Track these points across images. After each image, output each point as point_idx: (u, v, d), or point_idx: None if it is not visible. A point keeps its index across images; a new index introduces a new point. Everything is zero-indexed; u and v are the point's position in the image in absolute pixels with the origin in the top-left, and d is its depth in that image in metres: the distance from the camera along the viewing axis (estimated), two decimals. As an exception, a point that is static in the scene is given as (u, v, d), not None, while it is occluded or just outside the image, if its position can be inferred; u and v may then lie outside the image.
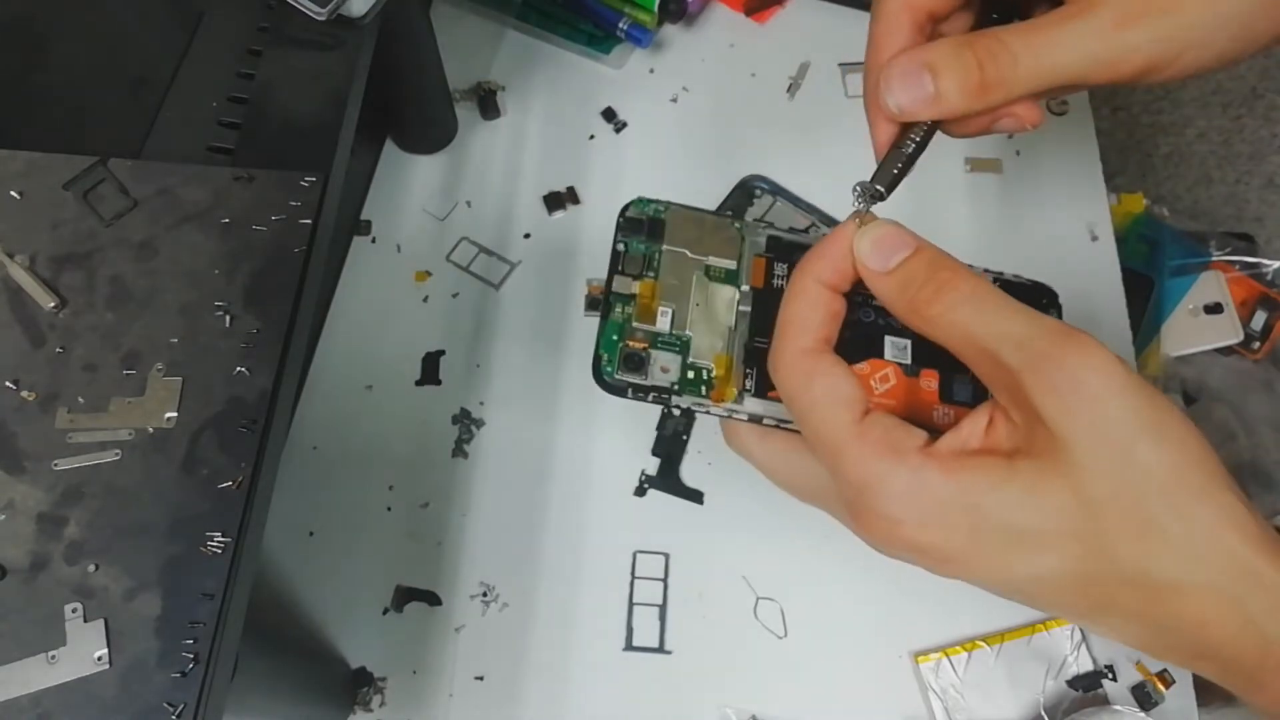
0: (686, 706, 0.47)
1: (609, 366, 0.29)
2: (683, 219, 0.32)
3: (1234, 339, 0.75)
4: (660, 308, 0.30)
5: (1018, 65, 0.28)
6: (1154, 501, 0.23)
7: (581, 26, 0.65)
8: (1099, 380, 0.23)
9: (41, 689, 0.29)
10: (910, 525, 0.25)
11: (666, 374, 0.29)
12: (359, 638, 0.49)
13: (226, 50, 0.43)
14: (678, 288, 0.30)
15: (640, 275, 0.30)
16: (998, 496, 0.24)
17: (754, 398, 0.29)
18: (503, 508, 0.52)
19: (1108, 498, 0.23)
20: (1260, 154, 1.29)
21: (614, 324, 0.30)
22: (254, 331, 0.34)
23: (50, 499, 0.31)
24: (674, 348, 0.29)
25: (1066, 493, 0.24)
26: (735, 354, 0.30)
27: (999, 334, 0.25)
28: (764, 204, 0.59)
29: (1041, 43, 0.28)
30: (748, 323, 0.30)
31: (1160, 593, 0.24)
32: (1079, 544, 0.24)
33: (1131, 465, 0.23)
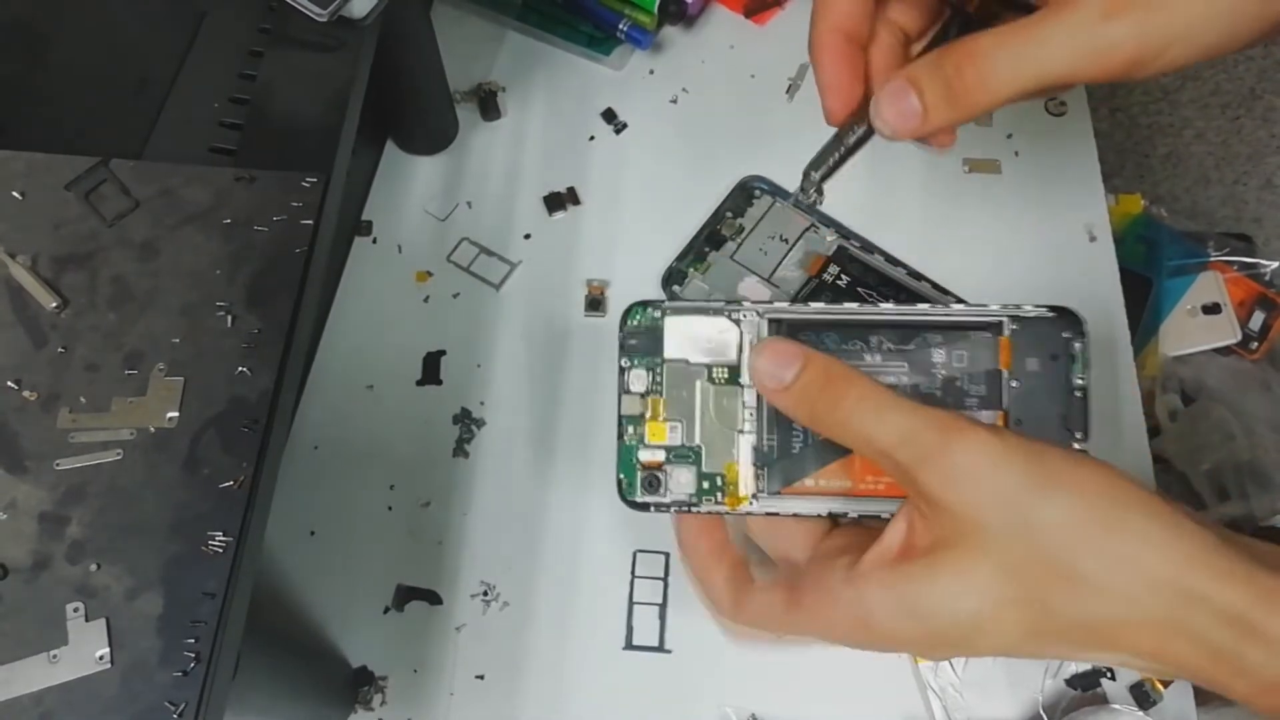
0: (686, 706, 0.48)
1: (630, 490, 0.31)
2: (680, 323, 0.32)
3: (1232, 339, 0.75)
4: (669, 423, 0.31)
5: (995, 69, 0.28)
6: (1067, 552, 0.24)
7: (581, 28, 0.65)
8: (981, 459, 0.25)
9: (43, 688, 0.29)
10: (881, 641, 0.27)
11: (683, 486, 0.31)
12: (360, 637, 0.49)
13: (228, 51, 0.43)
14: (684, 400, 0.32)
15: (646, 393, 0.32)
16: (934, 594, 0.26)
17: (767, 498, 0.31)
18: (503, 507, 0.52)
19: (1025, 561, 0.25)
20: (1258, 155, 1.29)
21: (627, 448, 0.32)
22: (255, 331, 0.34)
23: (52, 498, 0.31)
24: (687, 460, 0.31)
25: (989, 568, 0.25)
26: (742, 459, 0.31)
27: (888, 435, 0.26)
28: (763, 204, 0.59)
29: (1022, 44, 0.28)
30: (755, 421, 0.31)
31: (1107, 633, 0.25)
32: (1020, 609, 0.25)
33: (1035, 525, 0.25)
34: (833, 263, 0.57)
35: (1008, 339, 0.32)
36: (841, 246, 0.57)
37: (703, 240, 0.58)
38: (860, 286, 0.57)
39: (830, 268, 0.57)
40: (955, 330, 0.32)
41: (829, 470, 0.31)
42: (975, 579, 0.25)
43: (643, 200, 0.60)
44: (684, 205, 0.59)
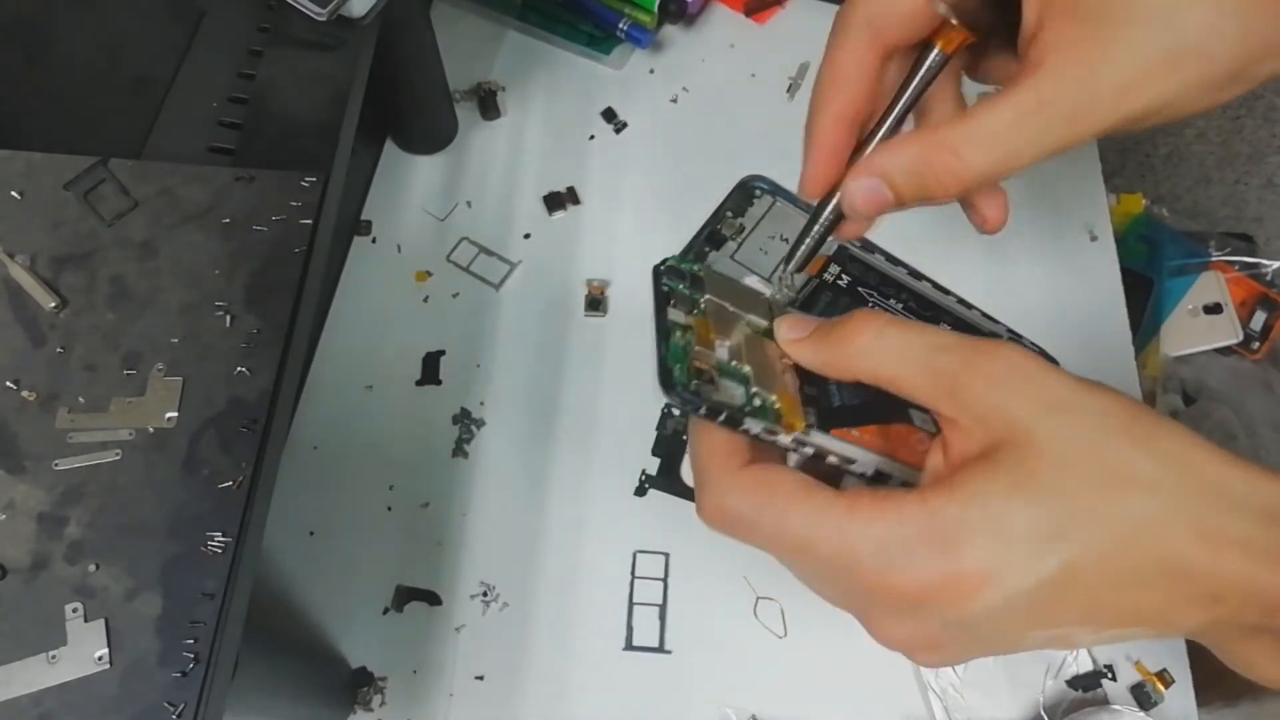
0: (686, 706, 0.47)
1: (682, 376, 0.27)
2: (718, 280, 0.31)
3: (1233, 339, 0.75)
4: (716, 341, 0.29)
5: (970, 169, 0.28)
6: (1116, 442, 0.24)
7: (581, 27, 0.65)
8: (1027, 362, 0.25)
9: (42, 689, 0.29)
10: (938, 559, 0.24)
11: (735, 398, 0.28)
12: (359, 637, 0.49)
13: (227, 50, 0.43)
14: (727, 330, 0.30)
15: (691, 314, 0.30)
16: (997, 493, 0.24)
17: (820, 433, 0.28)
18: (503, 508, 0.52)
19: (1085, 454, 0.24)
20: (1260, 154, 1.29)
21: (678, 346, 0.28)
22: (254, 331, 0.34)
23: (51, 499, 0.31)
24: (735, 378, 0.29)
25: (1051, 464, 0.24)
26: (795, 389, 0.29)
27: (927, 345, 0.26)
28: (764, 204, 0.59)
29: (987, 142, 0.28)
30: (794, 371, 0.30)
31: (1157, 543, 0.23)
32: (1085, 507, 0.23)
33: (1089, 417, 0.24)
34: (833, 262, 0.57)
35: None
36: (842, 246, 0.57)
37: (703, 240, 0.58)
38: (861, 286, 0.57)
39: (831, 268, 0.57)
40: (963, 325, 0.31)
41: (867, 433, 0.29)
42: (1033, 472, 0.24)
43: (643, 200, 0.60)
44: (684, 205, 0.58)
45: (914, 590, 0.24)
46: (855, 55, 0.31)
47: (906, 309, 0.56)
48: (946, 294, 0.56)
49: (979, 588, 0.23)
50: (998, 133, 0.28)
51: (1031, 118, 0.27)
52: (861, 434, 0.29)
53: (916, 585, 0.24)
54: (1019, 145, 0.28)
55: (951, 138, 0.28)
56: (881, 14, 0.31)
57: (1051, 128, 0.27)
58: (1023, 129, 0.27)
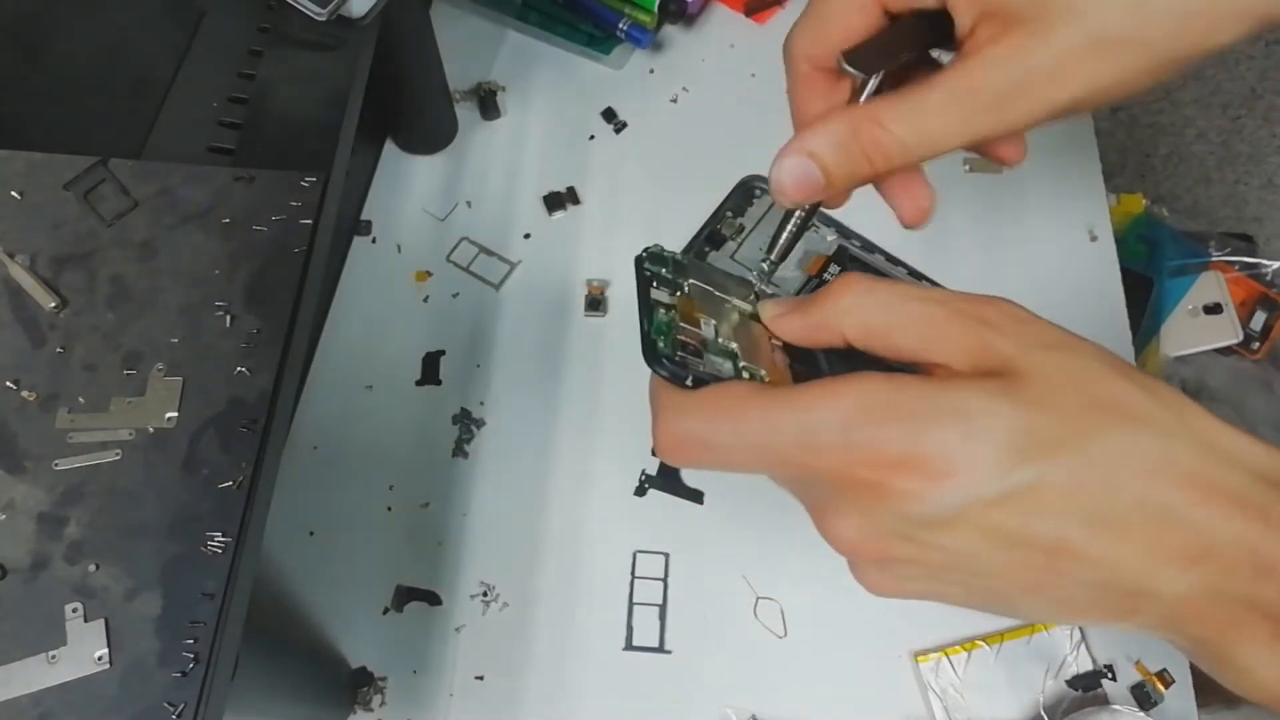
0: (686, 706, 0.47)
1: (667, 347, 0.26)
2: (700, 267, 0.31)
3: (1233, 339, 0.75)
4: (702, 319, 0.29)
5: (897, 142, 0.28)
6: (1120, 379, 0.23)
7: (581, 27, 0.65)
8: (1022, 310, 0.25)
9: (42, 689, 0.29)
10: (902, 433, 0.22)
11: (722, 371, 0.27)
12: (359, 637, 0.49)
13: (227, 50, 0.43)
14: (713, 311, 0.29)
15: (674, 295, 0.29)
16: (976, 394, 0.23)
17: None
18: (503, 508, 0.52)
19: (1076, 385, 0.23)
20: (1259, 154, 1.29)
21: (662, 322, 0.27)
22: (254, 331, 0.34)
23: (51, 499, 0.31)
24: (722, 353, 0.28)
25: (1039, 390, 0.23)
26: (784, 369, 0.28)
27: (913, 295, 0.26)
28: (764, 204, 0.59)
29: (913, 116, 0.28)
30: (782, 350, 0.29)
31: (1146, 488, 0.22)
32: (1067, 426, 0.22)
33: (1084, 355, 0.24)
34: (833, 262, 0.57)
35: None
36: (842, 246, 0.57)
37: (703, 240, 0.58)
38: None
39: (831, 267, 0.57)
40: None
41: None
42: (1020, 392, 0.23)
43: (643, 200, 0.60)
44: (684, 205, 0.58)
45: (869, 469, 0.23)
46: (804, 82, 0.32)
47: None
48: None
49: (937, 478, 0.22)
50: (926, 110, 0.28)
51: (960, 99, 0.27)
52: None
53: (872, 461, 0.22)
54: (946, 124, 0.28)
55: (878, 111, 0.28)
56: (812, 47, 0.31)
57: (979, 111, 0.27)
58: (950, 109, 0.27)
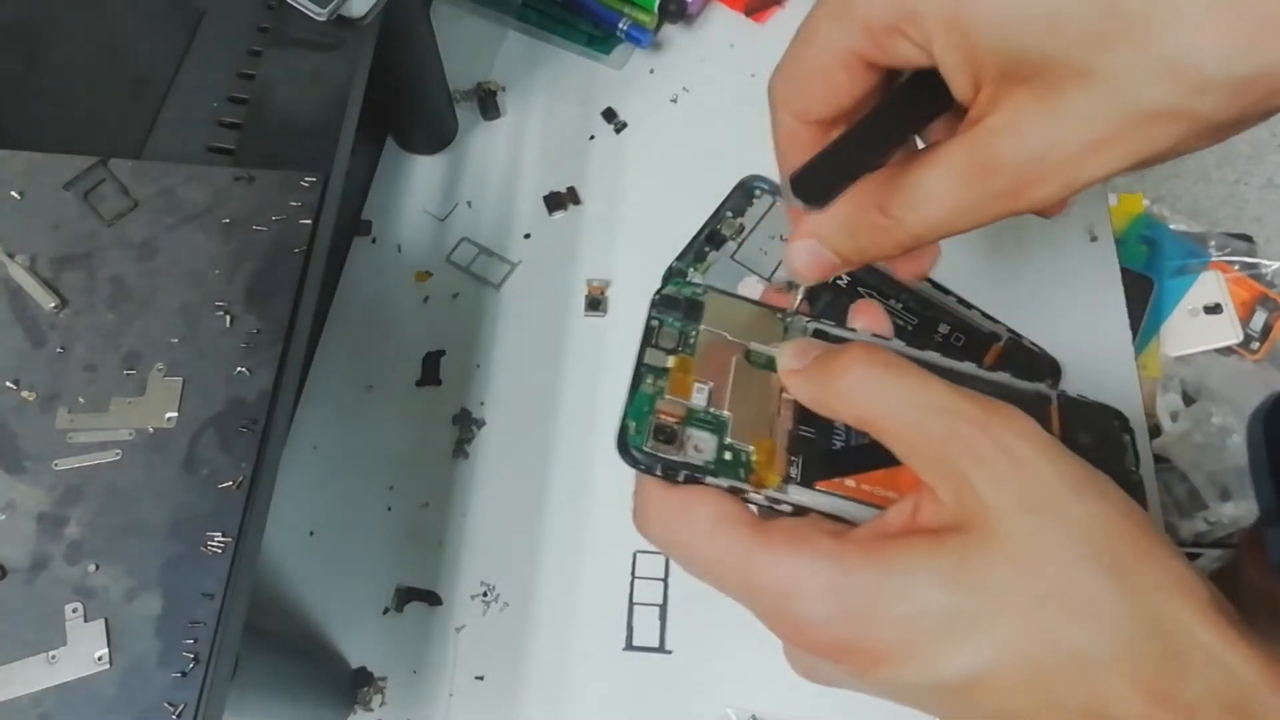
0: (686, 706, 0.47)
1: (636, 437, 0.26)
2: (722, 304, 0.29)
3: (1233, 339, 0.75)
4: (696, 384, 0.27)
5: (905, 232, 0.26)
6: (1091, 565, 0.21)
7: (581, 27, 0.65)
8: (1026, 446, 0.22)
9: (42, 689, 0.29)
10: (836, 623, 0.22)
11: (701, 453, 0.26)
12: (359, 637, 0.49)
13: (227, 50, 0.43)
14: (715, 367, 0.28)
15: (675, 351, 0.28)
16: (927, 575, 0.22)
17: (800, 487, 0.26)
18: (503, 508, 0.52)
19: (1042, 566, 0.21)
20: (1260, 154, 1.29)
21: (644, 395, 0.27)
22: (254, 331, 0.34)
23: (50, 499, 0.31)
24: (709, 426, 0.27)
25: (1000, 565, 0.21)
26: (778, 439, 0.27)
27: (917, 402, 0.23)
28: (764, 204, 0.59)
29: (921, 205, 0.26)
30: (792, 409, 0.27)
31: (1093, 677, 0.21)
32: (1013, 621, 0.21)
33: (1066, 525, 0.21)
34: (833, 262, 0.57)
35: (1057, 410, 0.29)
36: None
37: (703, 240, 0.58)
38: (861, 287, 0.57)
39: (831, 267, 0.57)
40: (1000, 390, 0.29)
41: (873, 478, 0.27)
42: (979, 574, 0.21)
43: (643, 200, 0.60)
44: (684, 205, 0.58)
45: (808, 646, 0.23)
46: (788, 135, 0.31)
47: (906, 309, 0.56)
48: (946, 294, 0.56)
49: (873, 665, 0.22)
50: (931, 197, 0.25)
51: (970, 183, 0.24)
52: (864, 481, 0.27)
53: (810, 644, 0.23)
54: (956, 211, 0.25)
55: (882, 198, 0.26)
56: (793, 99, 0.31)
57: (995, 197, 0.24)
58: (960, 194, 0.25)
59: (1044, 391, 0.29)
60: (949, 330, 0.55)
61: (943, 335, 0.55)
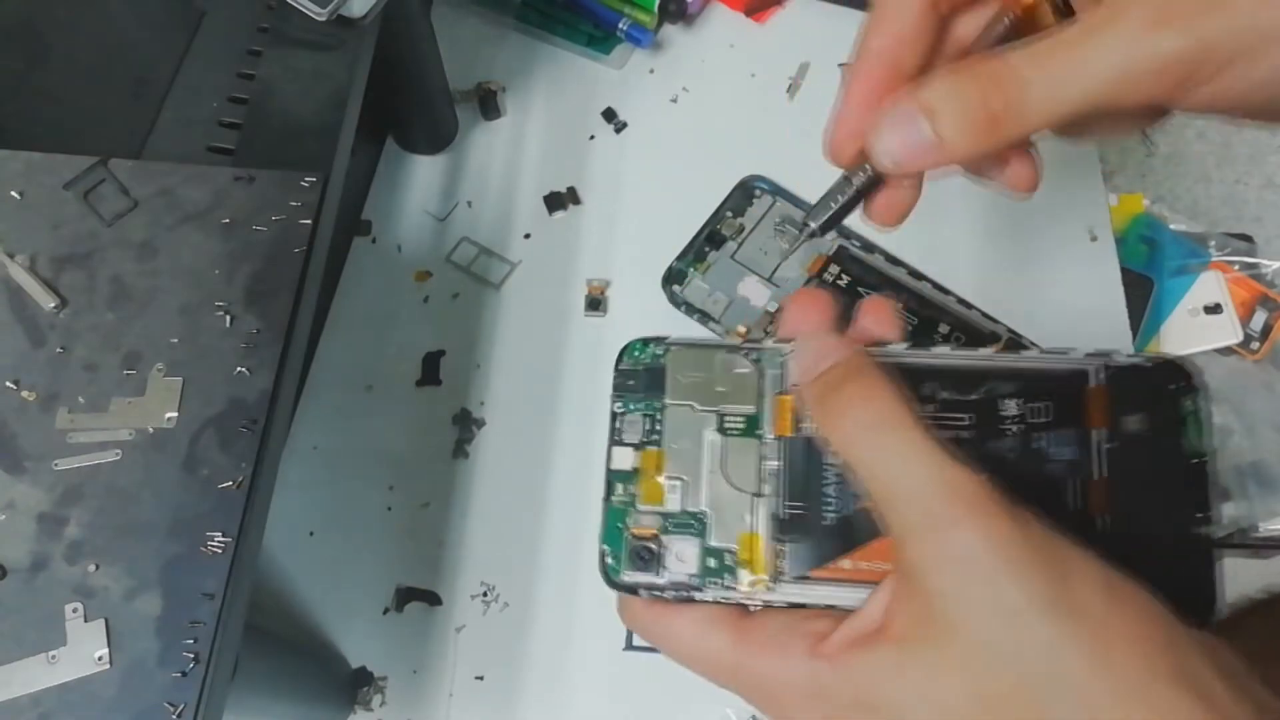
0: (686, 706, 0.47)
1: (615, 565, 0.25)
2: (686, 361, 0.27)
3: (1233, 339, 0.75)
4: (668, 482, 0.26)
5: (1028, 92, 0.23)
6: (1066, 701, 0.19)
7: (581, 27, 0.65)
8: (989, 551, 0.20)
9: (42, 689, 0.29)
10: None
11: (684, 564, 0.25)
12: (359, 637, 0.49)
13: (227, 50, 0.43)
14: (688, 452, 0.26)
15: (642, 444, 0.26)
16: (896, 693, 0.21)
17: (792, 583, 0.25)
18: (503, 508, 0.52)
19: (1011, 696, 0.20)
20: (1259, 154, 1.29)
21: (615, 510, 0.26)
22: (254, 332, 0.34)
23: (50, 499, 0.31)
24: (689, 529, 0.25)
25: (964, 688, 0.20)
26: (763, 529, 0.25)
27: (895, 479, 0.21)
28: (764, 204, 0.59)
29: (1057, 62, 0.23)
30: (777, 484, 0.25)
31: None
32: None
33: (1037, 655, 0.19)
34: (833, 262, 0.57)
35: (1100, 388, 0.25)
36: (842, 246, 0.57)
37: (703, 240, 0.58)
38: (861, 286, 0.57)
39: (830, 267, 0.57)
40: (1031, 377, 0.26)
41: (870, 550, 0.24)
42: (946, 694, 0.20)
43: (643, 200, 0.60)
44: (684, 205, 0.58)
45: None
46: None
47: (906, 309, 0.56)
48: (946, 294, 0.56)
49: None
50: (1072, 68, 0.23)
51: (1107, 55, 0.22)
52: (862, 556, 0.25)
53: None
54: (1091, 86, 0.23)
55: (1018, 65, 0.23)
56: None
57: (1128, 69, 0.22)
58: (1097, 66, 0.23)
59: (1082, 368, 0.26)
60: (949, 330, 0.55)
61: (943, 335, 0.55)
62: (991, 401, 0.26)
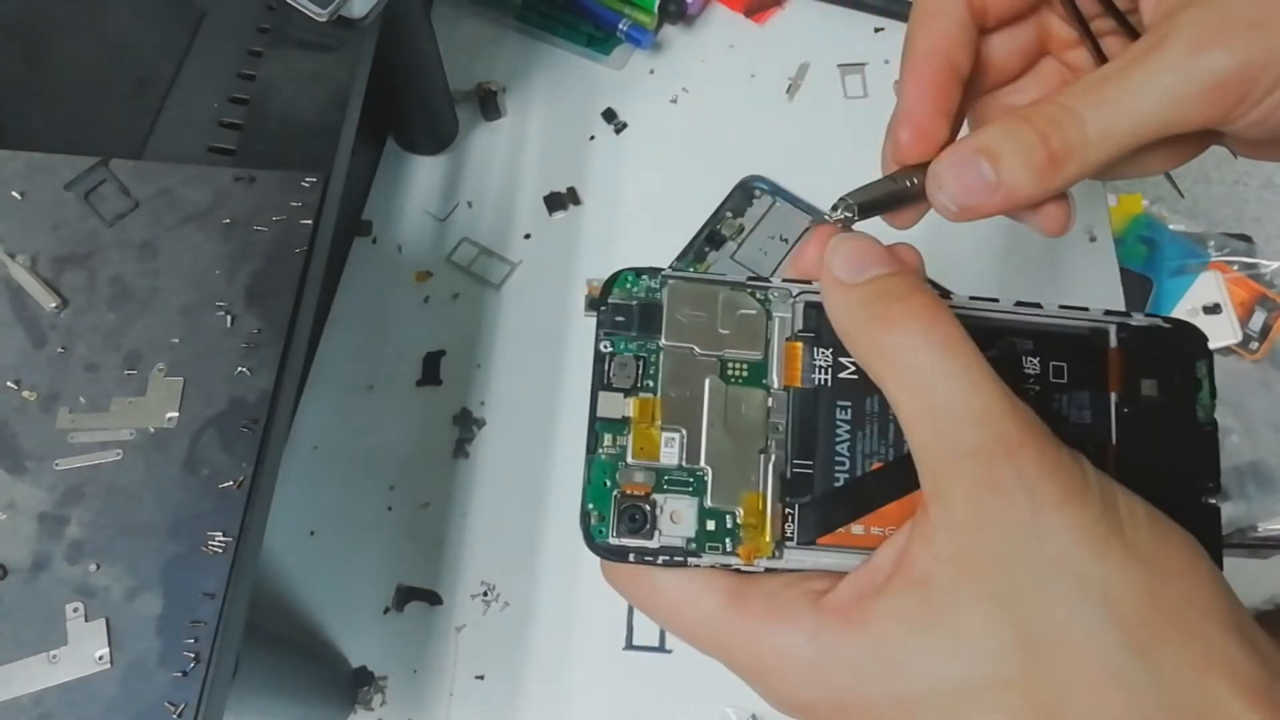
0: (686, 706, 0.47)
1: (600, 525, 0.23)
2: (685, 296, 0.24)
3: (1233, 339, 0.75)
4: (664, 433, 0.23)
5: (1086, 129, 0.23)
6: (1113, 637, 0.19)
7: (582, 27, 0.65)
8: (1053, 487, 0.19)
9: (42, 688, 0.29)
10: (822, 707, 0.20)
11: (679, 526, 0.22)
12: (359, 637, 0.49)
13: (227, 51, 0.43)
14: (686, 401, 0.23)
15: (634, 389, 0.23)
16: (919, 645, 0.19)
17: (798, 549, 0.22)
18: (503, 508, 0.52)
19: (1056, 633, 0.19)
20: (1259, 154, 1.29)
21: (602, 464, 0.24)
22: (255, 332, 0.34)
23: (51, 499, 0.31)
24: (686, 487, 0.23)
25: (1003, 628, 0.19)
26: (768, 489, 0.23)
27: (953, 400, 0.20)
28: (764, 204, 0.59)
29: (1109, 96, 0.23)
30: (784, 439, 0.23)
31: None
32: (1023, 698, 0.19)
33: (1083, 591, 0.19)
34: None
35: (1118, 350, 0.24)
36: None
37: (703, 240, 0.58)
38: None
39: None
40: (1051, 336, 0.24)
41: (886, 513, 0.22)
42: (980, 640, 0.19)
43: (643, 200, 0.60)
44: (684, 205, 0.58)
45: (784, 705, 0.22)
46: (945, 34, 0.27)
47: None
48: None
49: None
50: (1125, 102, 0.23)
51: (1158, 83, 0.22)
52: (874, 521, 0.23)
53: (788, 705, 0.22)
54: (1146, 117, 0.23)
55: (1076, 104, 0.23)
56: None
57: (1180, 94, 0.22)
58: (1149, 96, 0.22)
59: (1103, 327, 0.24)
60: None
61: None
62: (1013, 358, 0.24)
